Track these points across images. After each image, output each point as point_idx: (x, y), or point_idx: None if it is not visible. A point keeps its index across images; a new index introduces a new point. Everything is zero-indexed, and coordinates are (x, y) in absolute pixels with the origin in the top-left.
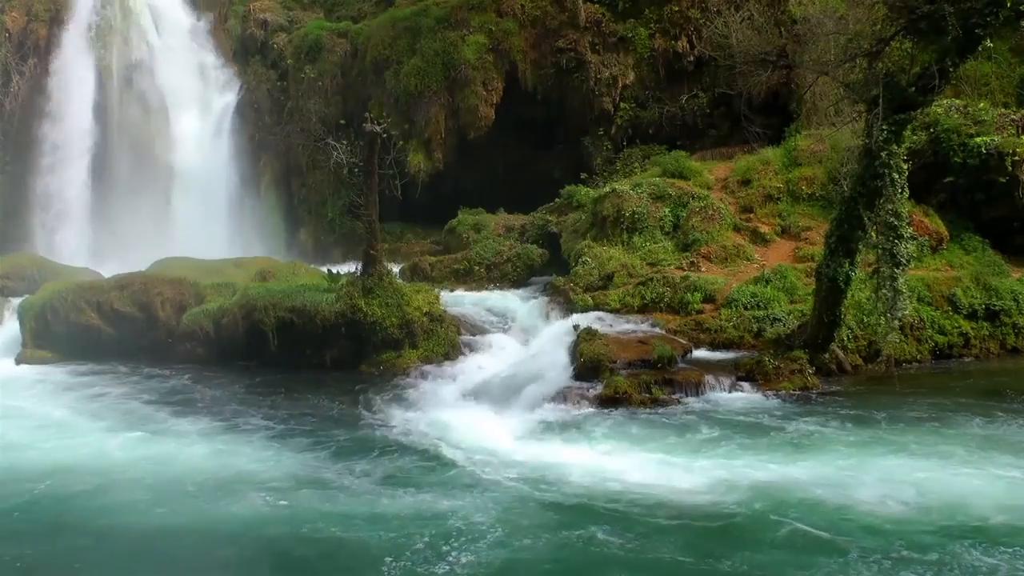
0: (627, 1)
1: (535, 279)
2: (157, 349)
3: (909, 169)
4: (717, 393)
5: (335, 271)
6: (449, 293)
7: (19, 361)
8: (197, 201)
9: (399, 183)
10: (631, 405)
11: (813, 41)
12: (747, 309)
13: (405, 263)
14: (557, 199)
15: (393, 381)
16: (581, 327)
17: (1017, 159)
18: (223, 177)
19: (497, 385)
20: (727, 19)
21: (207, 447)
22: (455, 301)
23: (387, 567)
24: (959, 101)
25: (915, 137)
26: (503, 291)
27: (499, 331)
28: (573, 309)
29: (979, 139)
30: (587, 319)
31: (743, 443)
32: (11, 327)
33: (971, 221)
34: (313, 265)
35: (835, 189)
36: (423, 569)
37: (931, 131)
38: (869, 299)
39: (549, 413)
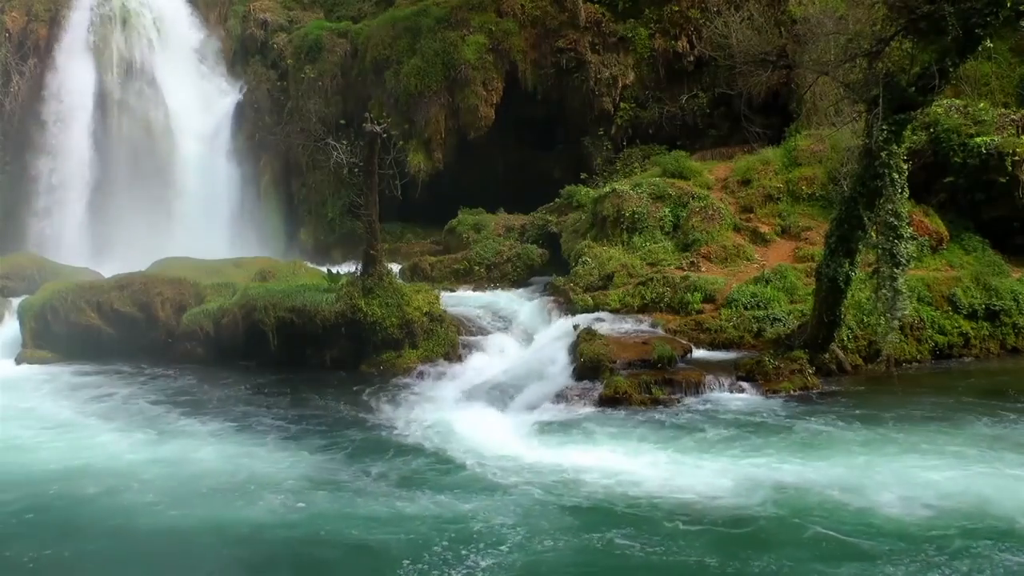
0: (627, 1)
1: (535, 279)
2: (157, 349)
3: (909, 169)
4: (717, 393)
5: (335, 271)
6: (449, 293)
7: (19, 361)
8: (197, 201)
9: (399, 183)
10: (631, 405)
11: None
12: (747, 309)
13: (405, 263)
14: (557, 199)
15: (394, 381)
16: (581, 327)
17: (1017, 159)
18: (223, 177)
19: (497, 385)
20: (727, 19)
21: (219, 448)
22: (455, 301)
23: (407, 570)
24: (959, 101)
25: (915, 137)
26: (503, 291)
27: (499, 331)
28: (573, 309)
29: (979, 139)
30: (587, 319)
31: (754, 443)
32: (11, 327)
33: (971, 221)
34: (313, 265)
35: (835, 189)
36: (443, 572)
37: (931, 131)
38: (869, 299)
39: (550, 413)
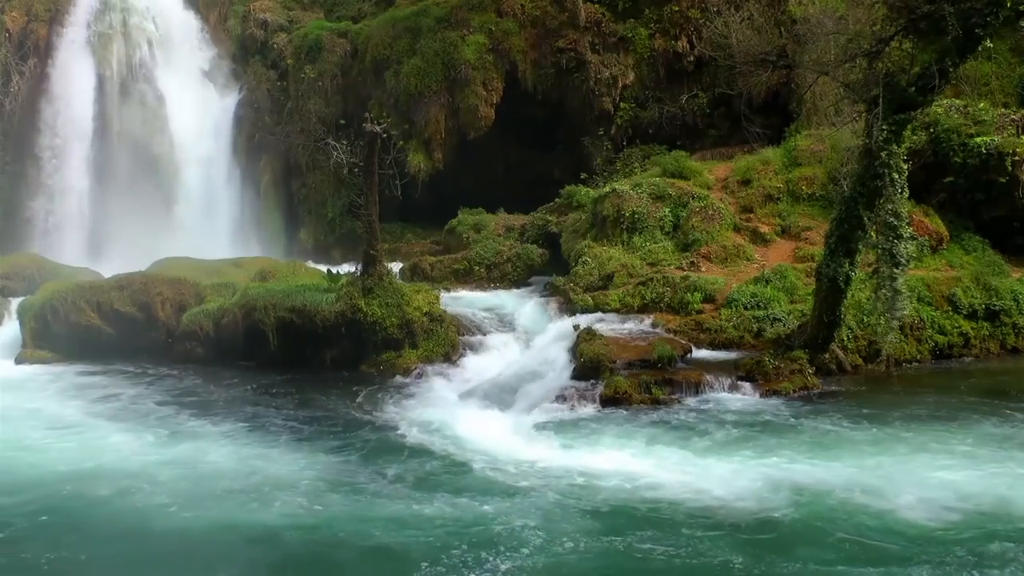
0: (627, 1)
1: (535, 279)
2: (157, 349)
3: (909, 169)
4: (717, 393)
5: (335, 271)
6: (449, 293)
7: (19, 361)
8: (197, 201)
9: (399, 183)
10: (631, 405)
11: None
12: (747, 309)
13: (405, 263)
14: (557, 199)
15: (395, 381)
16: (581, 327)
17: (1017, 159)
18: (223, 177)
19: (498, 385)
20: (727, 19)
21: (231, 449)
22: (455, 301)
23: (425, 573)
24: (959, 101)
25: (915, 137)
26: (503, 291)
27: (499, 331)
28: (573, 309)
29: (979, 139)
30: (587, 319)
31: (766, 444)
32: (11, 327)
33: (971, 221)
34: (313, 265)
35: (835, 189)
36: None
37: (931, 131)
38: (869, 299)
39: (550, 413)
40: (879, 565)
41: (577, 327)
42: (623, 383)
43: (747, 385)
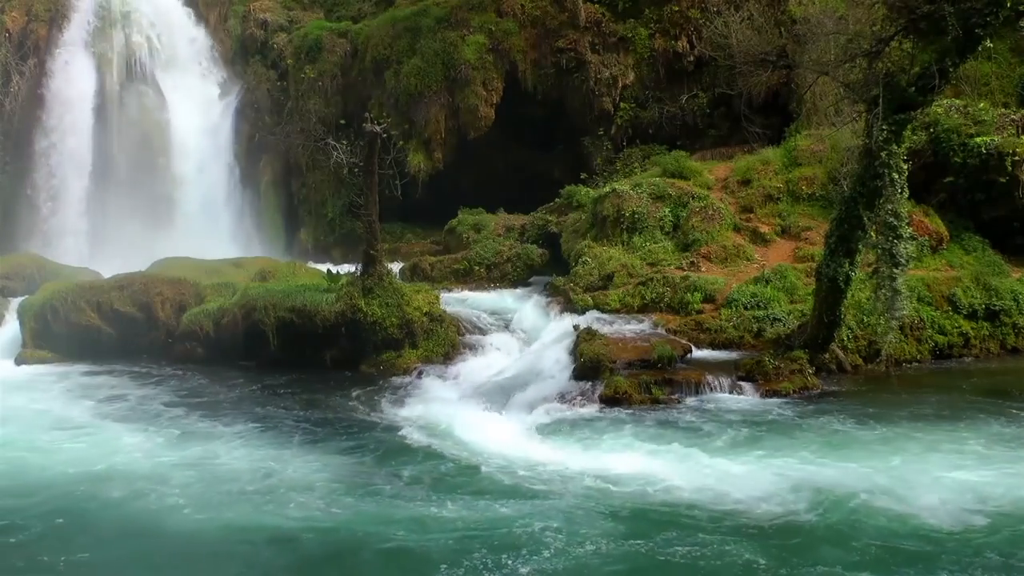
0: (627, 1)
1: (535, 279)
2: (157, 349)
3: (909, 169)
4: (717, 393)
5: (335, 271)
6: (449, 293)
7: (19, 361)
8: (197, 201)
9: (399, 183)
10: (631, 405)
11: (813, 41)
12: (747, 309)
13: (405, 263)
14: (557, 199)
15: (396, 382)
16: (581, 327)
17: (1017, 159)
18: (223, 177)
19: (498, 385)
20: (727, 19)
21: (243, 450)
22: (455, 301)
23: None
24: (959, 101)
25: (915, 137)
26: (503, 291)
27: (499, 331)
28: (573, 309)
29: (979, 139)
30: (587, 319)
31: (776, 444)
32: (11, 327)
33: (971, 221)
34: (313, 265)
35: (835, 189)
36: None
37: (931, 131)
38: (869, 299)
39: (551, 413)
40: (907, 568)
41: (577, 327)
42: (623, 383)
43: (747, 385)
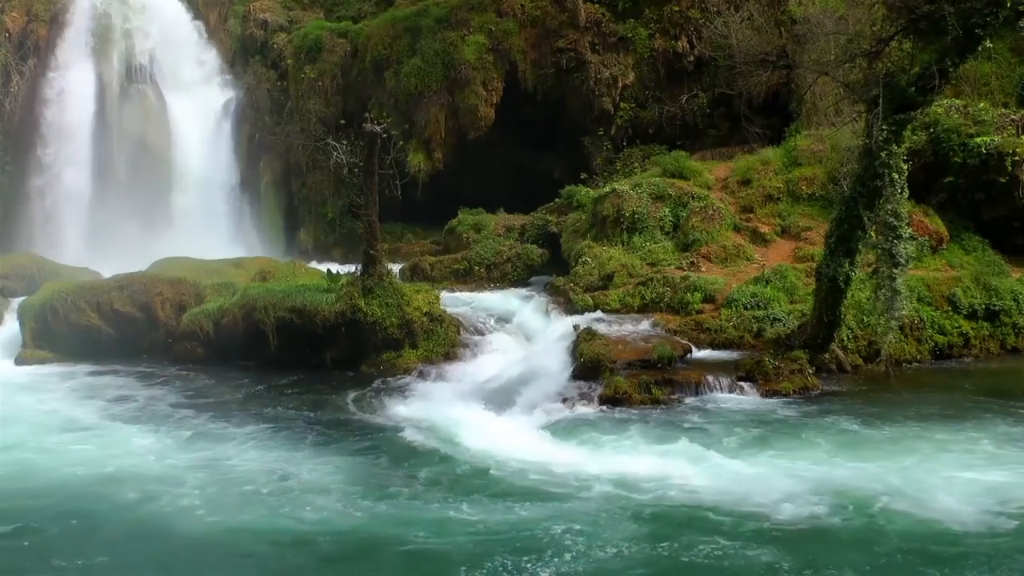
0: (627, 1)
1: (535, 279)
2: (157, 349)
3: (909, 169)
4: (717, 393)
5: (335, 271)
6: (449, 293)
7: (19, 361)
8: (197, 201)
9: (399, 183)
10: (631, 405)
11: (813, 41)
12: (747, 309)
13: (405, 263)
14: (557, 199)
15: (397, 382)
16: (581, 327)
17: (1017, 159)
18: (223, 177)
19: (499, 385)
20: (727, 19)
21: (255, 452)
22: (455, 301)
23: None
24: (959, 101)
25: (915, 137)
26: (503, 291)
27: (499, 331)
28: (573, 309)
29: (979, 139)
30: (587, 319)
31: (787, 445)
32: (11, 327)
33: (971, 221)
34: (313, 265)
35: (835, 189)
36: None
37: (931, 131)
38: (869, 299)
39: (551, 414)
40: (935, 570)
41: (577, 327)
42: (623, 383)
43: (747, 385)
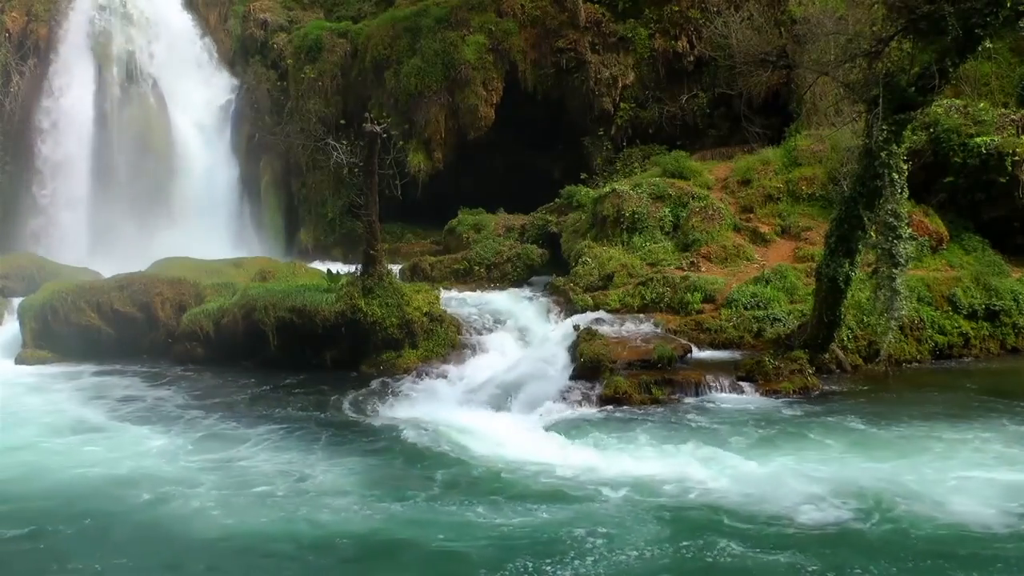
0: (627, 1)
1: (535, 279)
2: (157, 349)
3: (909, 169)
4: (717, 393)
5: (335, 271)
6: (449, 293)
7: (19, 361)
8: (197, 201)
9: (399, 183)
10: (631, 405)
11: (813, 41)
12: (747, 309)
13: (405, 263)
14: (557, 199)
15: (398, 383)
16: (581, 327)
17: (1017, 159)
18: (223, 177)
19: (499, 385)
20: (727, 19)
21: (267, 453)
22: (455, 301)
23: None
24: (959, 101)
25: (915, 137)
26: (503, 291)
27: (499, 331)
28: (573, 309)
29: (979, 139)
30: (587, 319)
31: (798, 445)
32: (11, 327)
33: (971, 221)
34: (313, 265)
35: (835, 189)
36: None
37: (931, 131)
38: (869, 299)
39: (551, 414)
40: (965, 573)
41: (577, 327)
42: (623, 383)
43: (747, 385)
